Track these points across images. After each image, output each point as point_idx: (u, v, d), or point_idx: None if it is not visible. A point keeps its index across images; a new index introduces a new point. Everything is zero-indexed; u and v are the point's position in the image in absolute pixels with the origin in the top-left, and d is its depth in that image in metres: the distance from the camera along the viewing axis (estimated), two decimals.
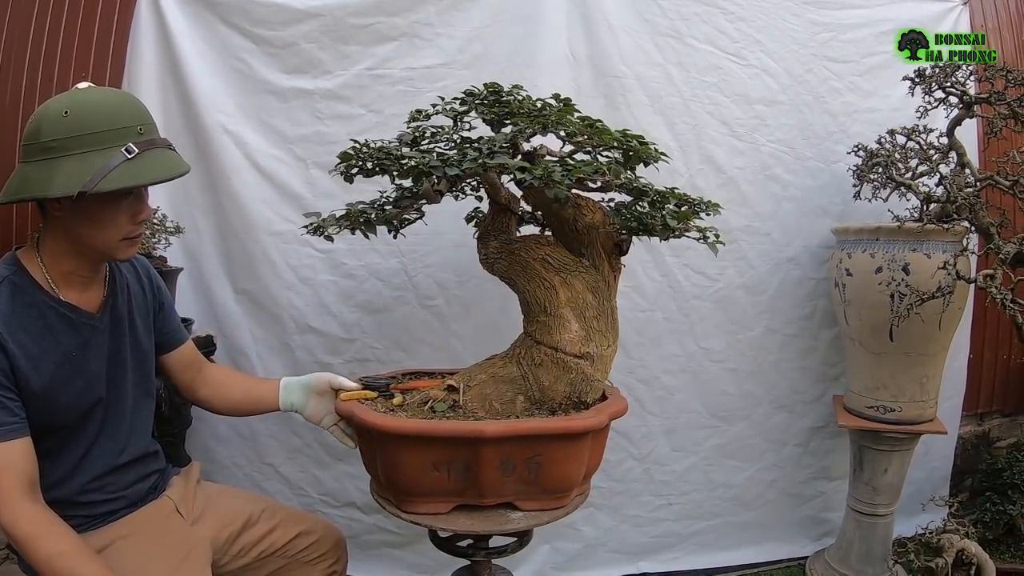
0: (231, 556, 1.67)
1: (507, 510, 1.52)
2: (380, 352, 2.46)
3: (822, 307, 2.85)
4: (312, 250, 2.42)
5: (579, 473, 1.54)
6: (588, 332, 1.59)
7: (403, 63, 2.44)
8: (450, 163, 1.45)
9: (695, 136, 2.63)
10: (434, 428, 1.44)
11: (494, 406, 1.60)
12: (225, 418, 2.42)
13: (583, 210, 1.61)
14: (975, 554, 2.40)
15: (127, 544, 1.47)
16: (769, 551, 2.92)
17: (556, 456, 1.48)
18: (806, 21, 2.78)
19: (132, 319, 1.57)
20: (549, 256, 1.61)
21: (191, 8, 2.37)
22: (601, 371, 1.62)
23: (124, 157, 1.29)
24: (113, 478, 1.51)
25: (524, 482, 1.49)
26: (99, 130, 1.28)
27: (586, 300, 1.61)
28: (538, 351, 1.60)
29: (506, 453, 1.45)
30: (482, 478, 1.46)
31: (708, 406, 2.77)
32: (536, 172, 1.40)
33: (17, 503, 1.25)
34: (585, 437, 1.50)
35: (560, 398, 1.59)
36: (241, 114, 2.39)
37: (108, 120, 1.30)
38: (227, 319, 2.44)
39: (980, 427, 3.47)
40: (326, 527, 1.85)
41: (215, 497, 1.72)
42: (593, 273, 1.63)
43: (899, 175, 2.48)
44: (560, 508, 1.55)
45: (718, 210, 1.63)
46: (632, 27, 2.56)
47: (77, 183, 1.24)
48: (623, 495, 2.74)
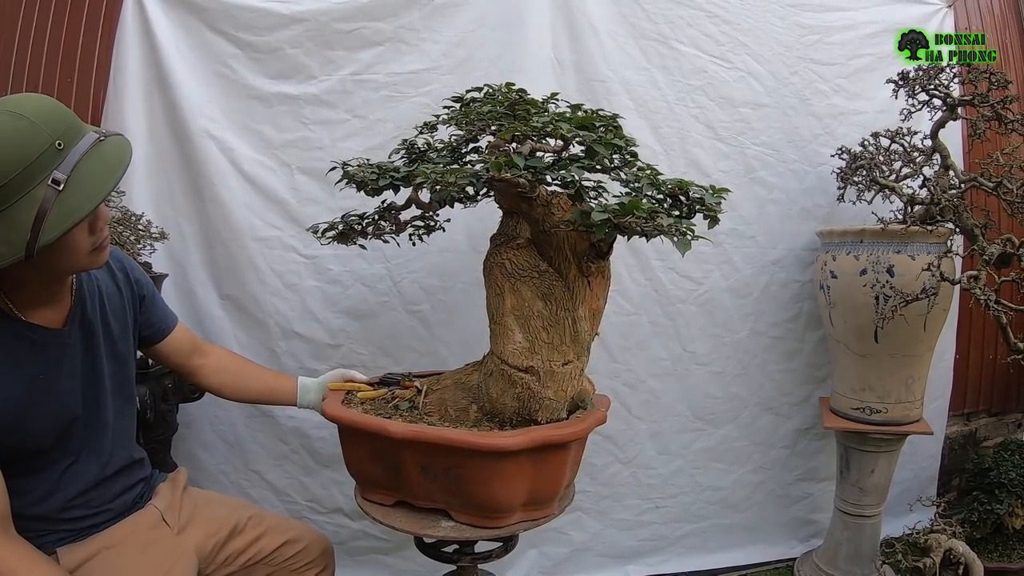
0: (217, 564, 1.65)
1: (440, 517, 1.51)
2: (366, 358, 2.46)
3: (807, 309, 2.85)
4: (297, 256, 2.42)
5: (510, 495, 1.44)
6: (533, 344, 1.48)
7: (388, 68, 2.43)
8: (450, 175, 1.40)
9: (680, 139, 2.64)
10: (352, 418, 1.50)
11: (449, 412, 1.58)
12: (211, 424, 2.44)
13: (552, 208, 1.48)
14: (963, 553, 2.41)
15: (112, 554, 1.44)
16: (757, 553, 2.92)
17: (478, 473, 1.41)
18: (791, 24, 2.79)
19: (106, 323, 1.50)
20: (509, 260, 1.53)
21: (176, 13, 2.36)
22: (554, 389, 1.49)
23: (55, 192, 1.15)
24: (98, 492, 1.48)
25: (448, 492, 1.46)
26: (12, 176, 1.12)
27: (533, 308, 1.48)
28: (491, 361, 1.54)
29: (424, 459, 1.43)
30: (407, 479, 1.47)
31: (694, 409, 2.78)
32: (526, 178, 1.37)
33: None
34: (506, 458, 1.39)
35: (509, 412, 1.51)
36: (226, 120, 2.38)
37: (18, 160, 1.13)
38: (212, 325, 2.43)
39: (967, 427, 3.49)
40: (313, 535, 1.84)
41: (202, 505, 1.70)
42: (550, 278, 1.50)
43: (882, 177, 2.49)
44: (493, 528, 1.47)
45: (723, 196, 1.41)
46: (617, 31, 2.56)
47: (19, 247, 1.14)
48: (610, 499, 2.74)
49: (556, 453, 1.48)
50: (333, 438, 2.24)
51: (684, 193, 1.38)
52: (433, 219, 1.81)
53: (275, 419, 2.44)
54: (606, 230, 1.28)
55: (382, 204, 1.72)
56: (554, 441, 1.44)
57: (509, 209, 1.64)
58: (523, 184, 1.38)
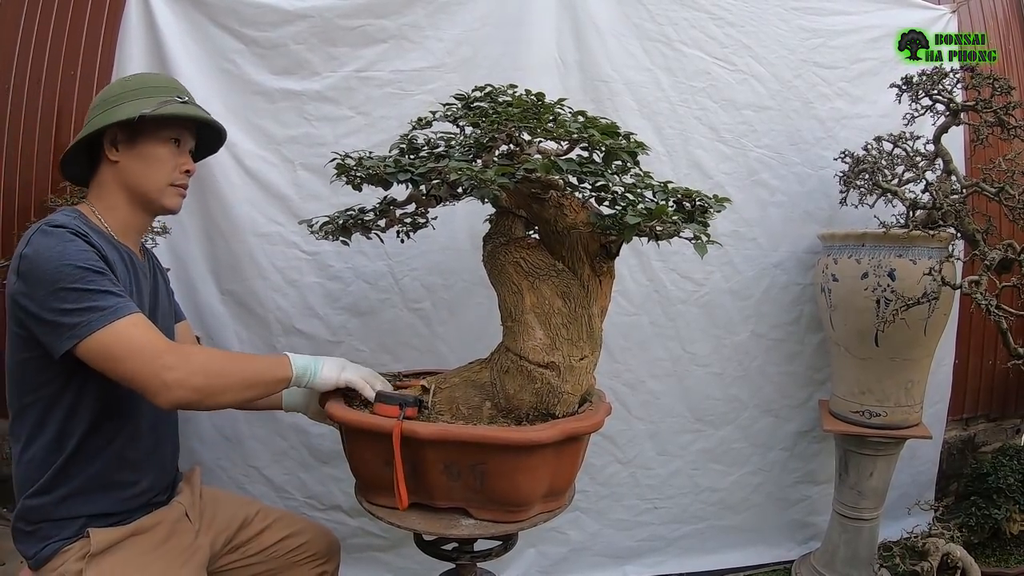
0: (223, 559, 1.69)
1: (460, 515, 1.49)
2: (366, 355, 2.45)
3: (808, 312, 2.85)
4: (298, 252, 2.42)
5: (534, 488, 1.46)
6: (554, 340, 1.50)
7: (391, 65, 2.43)
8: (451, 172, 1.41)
9: (682, 141, 2.64)
10: (369, 422, 1.46)
11: (461, 410, 1.57)
12: (210, 419, 2.43)
13: (565, 210, 1.52)
14: (960, 558, 2.42)
15: (139, 540, 1.48)
16: (755, 555, 2.92)
17: (504, 467, 1.42)
18: (795, 27, 2.79)
19: (158, 284, 1.69)
20: (524, 259, 1.55)
21: (180, 8, 2.36)
22: (572, 383, 1.52)
23: (177, 100, 1.52)
24: (149, 464, 1.57)
25: (471, 490, 1.45)
26: (156, 85, 1.53)
27: (554, 306, 1.51)
28: (506, 357, 1.55)
29: (449, 457, 1.43)
30: (427, 479, 1.46)
31: (694, 410, 2.78)
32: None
33: (173, 351, 1.34)
34: (534, 451, 1.41)
35: (526, 408, 1.52)
36: (229, 114, 2.37)
37: (163, 81, 1.59)
38: (212, 320, 2.43)
39: (965, 432, 3.49)
40: (318, 529, 1.87)
41: (212, 503, 1.73)
42: (567, 278, 1.53)
43: (885, 181, 2.49)
44: (515, 522, 1.48)
45: (724, 204, 1.46)
46: (621, 32, 2.56)
47: (138, 111, 1.44)
48: (609, 499, 2.74)
49: (575, 444, 1.52)
50: (332, 434, 2.24)
51: (691, 200, 1.42)
52: (424, 216, 1.79)
53: (274, 415, 2.43)
54: (634, 233, 1.33)
55: (382, 200, 1.71)
56: (580, 432, 1.49)
57: (512, 209, 1.64)
58: (560, 186, 1.46)
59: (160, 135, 1.51)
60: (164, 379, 1.27)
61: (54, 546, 1.39)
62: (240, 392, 1.40)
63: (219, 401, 1.39)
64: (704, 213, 1.40)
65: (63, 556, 1.39)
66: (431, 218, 1.80)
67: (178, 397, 1.29)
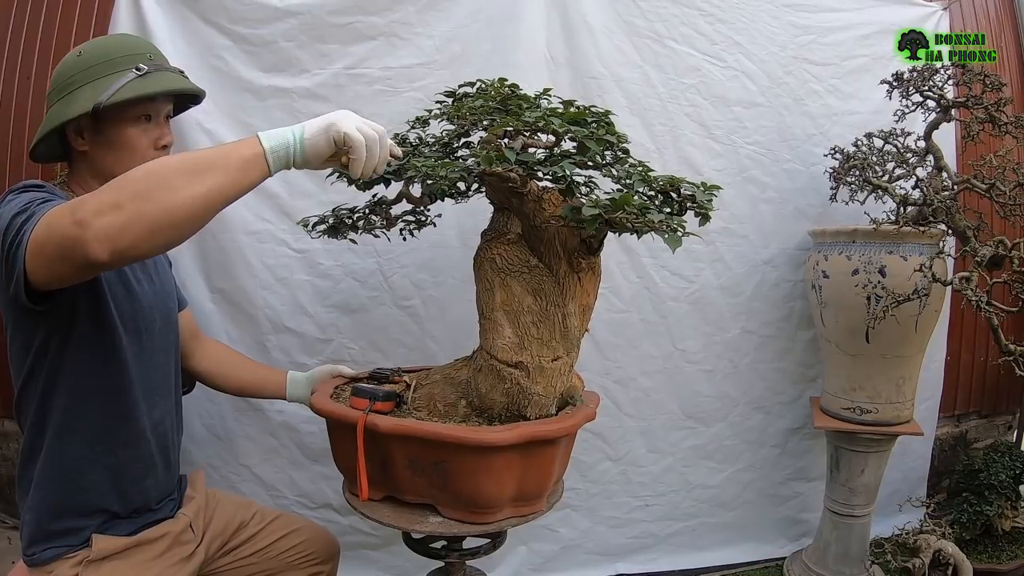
0: (218, 561, 1.69)
1: (428, 512, 1.50)
2: (356, 353, 2.45)
3: (799, 309, 2.86)
4: (288, 250, 2.41)
5: (499, 490, 1.43)
6: (522, 339, 1.46)
7: (381, 62, 2.42)
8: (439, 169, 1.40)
9: (672, 138, 2.64)
10: (340, 412, 1.50)
11: (437, 407, 1.57)
12: (201, 419, 2.42)
13: (543, 204, 1.47)
14: (952, 554, 2.43)
15: (139, 551, 1.47)
16: (747, 552, 2.93)
17: (465, 467, 1.40)
18: (786, 24, 2.79)
19: (158, 264, 1.66)
20: (500, 255, 1.51)
21: (169, 5, 2.34)
22: (543, 384, 1.48)
23: (135, 74, 1.40)
24: (155, 477, 1.56)
25: (436, 487, 1.45)
26: (110, 58, 1.40)
27: (523, 304, 1.47)
28: (480, 356, 1.53)
29: (412, 453, 1.43)
30: (395, 474, 1.47)
31: (685, 407, 2.78)
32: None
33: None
34: (495, 452, 1.38)
35: (498, 408, 1.49)
36: (218, 112, 2.35)
37: (119, 49, 1.43)
38: (202, 318, 2.40)
39: (957, 428, 3.50)
40: (317, 531, 1.88)
41: (214, 505, 1.73)
42: (540, 274, 1.48)
43: (875, 178, 2.50)
44: (481, 524, 1.46)
45: (714, 192, 1.38)
46: (611, 28, 2.55)
47: (92, 102, 1.35)
48: (599, 496, 2.74)
49: (545, 449, 1.47)
50: (322, 433, 2.23)
51: (675, 189, 1.36)
52: (424, 214, 1.81)
53: (264, 413, 2.43)
54: (596, 225, 1.27)
55: (372, 198, 1.72)
56: (542, 437, 1.43)
57: (500, 205, 1.63)
58: (514, 179, 1.37)
59: (127, 115, 1.41)
60: (76, 217, 1.02)
61: (57, 551, 1.39)
62: (189, 181, 1.06)
63: (165, 203, 1.04)
64: (693, 203, 1.34)
65: (62, 562, 1.39)
66: (434, 215, 1.81)
67: (104, 225, 1.01)
